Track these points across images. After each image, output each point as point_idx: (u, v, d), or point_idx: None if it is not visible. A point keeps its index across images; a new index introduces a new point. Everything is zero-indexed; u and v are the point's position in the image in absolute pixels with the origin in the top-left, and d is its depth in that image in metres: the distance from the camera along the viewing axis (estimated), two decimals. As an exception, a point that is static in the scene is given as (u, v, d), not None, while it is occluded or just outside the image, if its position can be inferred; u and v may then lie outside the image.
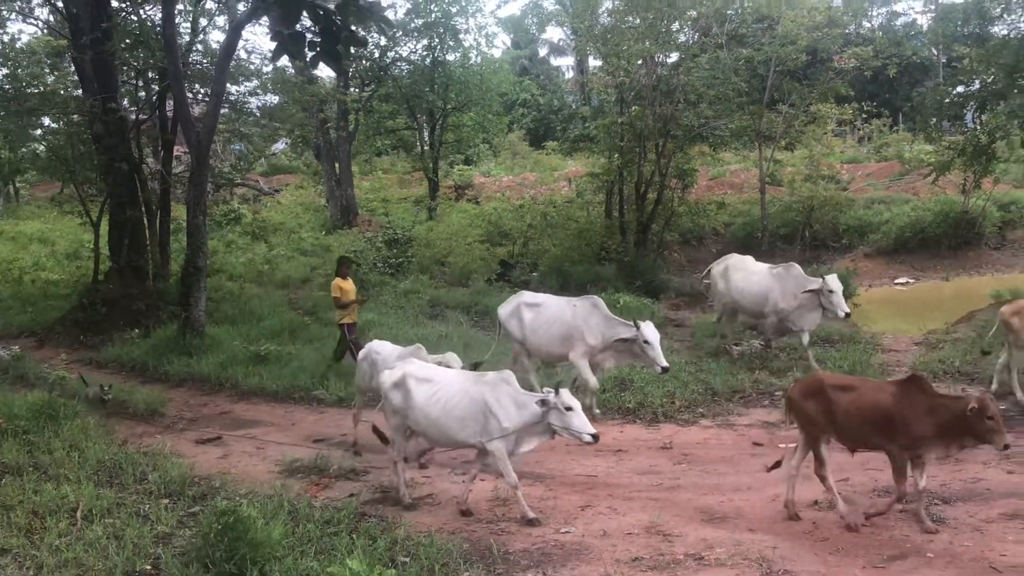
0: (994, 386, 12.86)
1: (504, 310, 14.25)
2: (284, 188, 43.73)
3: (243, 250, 30.56)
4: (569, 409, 8.79)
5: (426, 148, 38.37)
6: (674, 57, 27.67)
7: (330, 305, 21.39)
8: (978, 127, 24.35)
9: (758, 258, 18.36)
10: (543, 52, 66.81)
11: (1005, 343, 12.84)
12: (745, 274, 16.77)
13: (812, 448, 8.80)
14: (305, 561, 7.71)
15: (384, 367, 11.35)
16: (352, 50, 24.60)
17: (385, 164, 46.99)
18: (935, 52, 47.55)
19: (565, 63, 65.16)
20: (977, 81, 23.09)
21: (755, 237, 28.92)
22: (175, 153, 25.63)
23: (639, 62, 26.67)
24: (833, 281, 15.35)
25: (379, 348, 12.03)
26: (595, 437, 8.80)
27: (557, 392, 8.91)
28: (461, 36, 36.42)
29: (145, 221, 22.45)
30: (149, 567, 7.93)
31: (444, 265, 27.68)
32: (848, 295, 17.84)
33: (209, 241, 20.34)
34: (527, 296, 14.37)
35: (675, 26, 27.25)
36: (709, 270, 17.93)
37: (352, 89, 36.92)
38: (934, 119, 24.28)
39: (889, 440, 8.24)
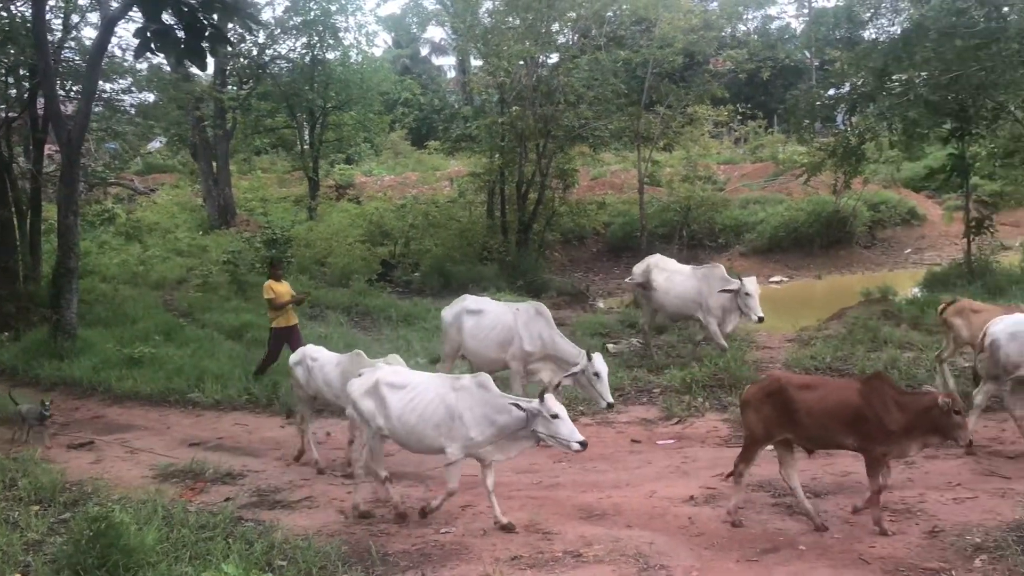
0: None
1: (448, 313, 13.82)
2: (160, 187, 42.72)
3: (117, 251, 29.90)
4: (555, 417, 8.46)
5: (306, 147, 37.88)
6: (554, 58, 27.94)
7: (206, 307, 21.26)
8: (848, 129, 24.95)
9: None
10: (425, 51, 66.65)
11: (946, 341, 12.58)
12: (668, 275, 16.32)
13: (749, 448, 8.69)
14: (180, 567, 7.56)
15: (320, 373, 11.22)
16: (229, 48, 24.36)
17: (264, 163, 46.24)
18: (808, 55, 48.63)
19: (447, 62, 65.16)
20: (848, 84, 23.61)
21: (634, 236, 29.29)
22: (46, 151, 24.90)
23: (520, 63, 26.80)
24: (751, 284, 15.09)
25: (315, 353, 11.63)
26: (583, 445, 8.47)
27: (542, 399, 8.63)
28: (341, 34, 36.16)
29: (15, 221, 21.91)
30: (19, 575, 7.71)
31: (324, 265, 27.48)
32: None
33: (81, 242, 19.97)
34: (470, 301, 13.83)
35: (555, 27, 27.51)
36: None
37: (230, 87, 36.37)
38: (806, 121, 24.73)
39: (863, 438, 8.18)
